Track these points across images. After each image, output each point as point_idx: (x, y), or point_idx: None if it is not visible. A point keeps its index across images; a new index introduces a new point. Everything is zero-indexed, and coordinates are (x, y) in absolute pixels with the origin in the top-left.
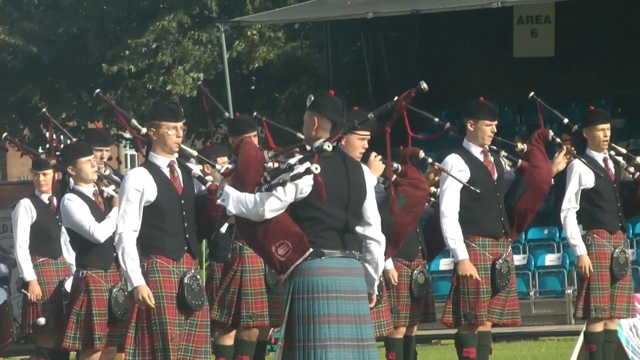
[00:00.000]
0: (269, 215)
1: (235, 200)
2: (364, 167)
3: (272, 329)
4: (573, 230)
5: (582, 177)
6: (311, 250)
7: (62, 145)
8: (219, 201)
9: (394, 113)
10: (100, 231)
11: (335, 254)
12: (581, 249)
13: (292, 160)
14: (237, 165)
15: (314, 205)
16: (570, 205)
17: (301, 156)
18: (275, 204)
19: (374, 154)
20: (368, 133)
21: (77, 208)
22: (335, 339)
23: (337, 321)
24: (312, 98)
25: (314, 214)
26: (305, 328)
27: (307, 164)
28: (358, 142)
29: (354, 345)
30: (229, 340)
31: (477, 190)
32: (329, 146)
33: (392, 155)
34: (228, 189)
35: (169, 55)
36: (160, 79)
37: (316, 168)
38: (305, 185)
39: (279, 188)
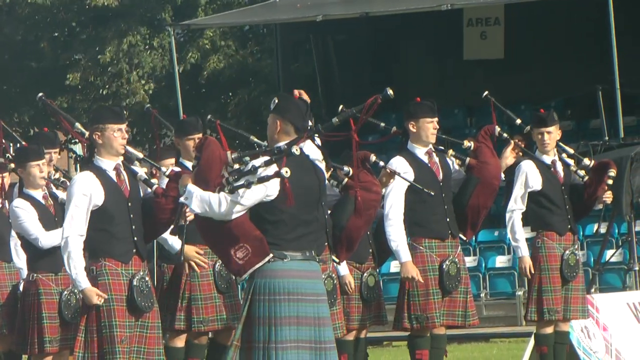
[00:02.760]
0: (232, 216)
1: (199, 199)
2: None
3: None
4: (517, 231)
5: (528, 178)
6: (271, 255)
7: (11, 149)
8: (181, 199)
9: (360, 118)
10: (46, 239)
11: (297, 256)
12: (523, 251)
13: (256, 162)
14: (200, 164)
15: (280, 209)
16: (515, 207)
17: (266, 158)
18: (239, 206)
19: None
20: None
21: (24, 214)
22: (294, 341)
23: (297, 323)
24: (276, 101)
25: (280, 217)
26: (266, 329)
27: (273, 167)
28: None
29: (311, 347)
30: (179, 342)
31: (431, 193)
32: (297, 150)
33: (341, 159)
34: (191, 187)
35: (125, 63)
36: (114, 85)
37: (286, 172)
38: (272, 188)
39: (243, 190)
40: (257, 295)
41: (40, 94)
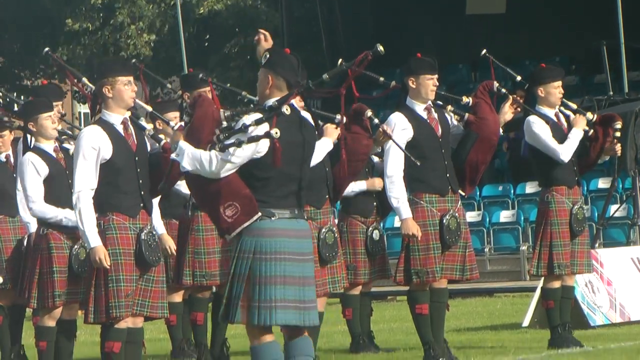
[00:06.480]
0: (222, 174)
1: (190, 156)
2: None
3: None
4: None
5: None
6: (260, 214)
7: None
8: (172, 155)
9: (350, 75)
10: (37, 209)
11: (285, 214)
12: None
13: (247, 120)
14: (193, 122)
15: (269, 166)
16: (558, 150)
17: (257, 116)
18: (229, 164)
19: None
20: None
21: (29, 173)
22: (280, 300)
23: (284, 282)
24: (268, 56)
25: (269, 174)
26: (250, 287)
27: (264, 126)
28: None
29: (296, 307)
30: (177, 297)
31: (418, 163)
32: (287, 109)
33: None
34: (183, 144)
35: (126, 15)
36: (116, 36)
37: (276, 132)
38: (262, 145)
39: (234, 149)
40: (244, 254)
41: (47, 49)
